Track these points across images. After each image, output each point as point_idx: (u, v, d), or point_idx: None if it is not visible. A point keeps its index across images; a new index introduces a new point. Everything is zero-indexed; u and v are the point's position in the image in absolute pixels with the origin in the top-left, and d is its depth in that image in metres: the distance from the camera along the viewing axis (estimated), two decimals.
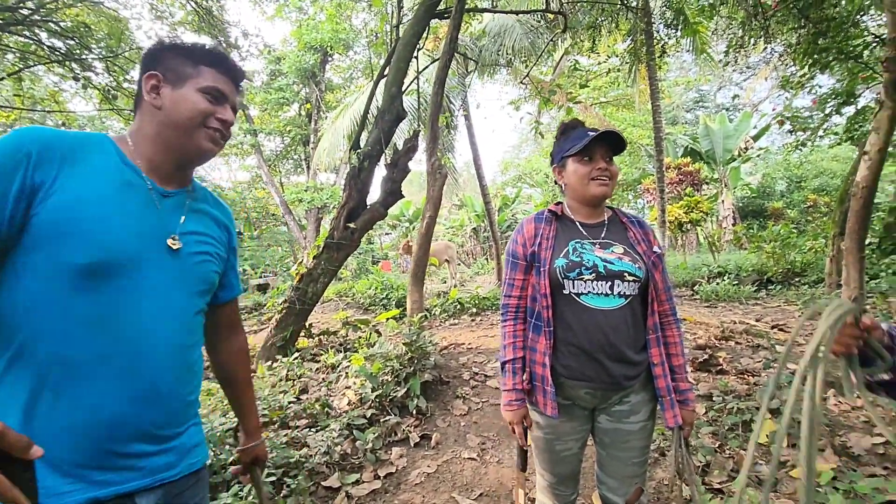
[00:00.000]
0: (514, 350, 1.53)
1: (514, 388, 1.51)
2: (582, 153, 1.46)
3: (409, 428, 3.17)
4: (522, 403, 1.51)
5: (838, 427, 2.70)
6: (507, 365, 1.53)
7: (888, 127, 4.00)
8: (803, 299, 6.40)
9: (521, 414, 1.51)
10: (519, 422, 1.52)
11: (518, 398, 1.50)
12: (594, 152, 1.45)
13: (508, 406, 1.52)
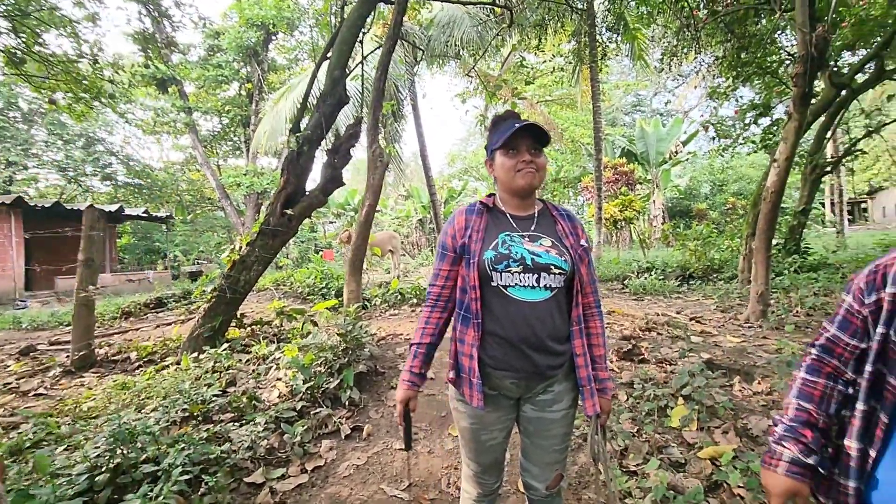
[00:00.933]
0: (423, 335, 1.55)
1: (411, 370, 1.53)
2: (508, 146, 1.47)
3: (340, 420, 3.11)
4: (412, 386, 1.54)
5: (741, 411, 2.94)
6: (413, 347, 1.55)
7: (794, 137, 4.39)
8: (719, 294, 6.93)
9: (407, 395, 1.54)
10: (403, 401, 1.54)
11: (410, 380, 1.53)
12: (519, 144, 1.46)
13: (401, 384, 1.55)
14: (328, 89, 4.87)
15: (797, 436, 0.97)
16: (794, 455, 0.97)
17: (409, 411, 1.57)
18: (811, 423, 0.97)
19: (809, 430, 0.97)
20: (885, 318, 0.84)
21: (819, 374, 0.99)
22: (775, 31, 7.75)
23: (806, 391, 0.99)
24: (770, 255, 5.03)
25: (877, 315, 0.86)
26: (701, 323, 5.10)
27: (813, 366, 1.00)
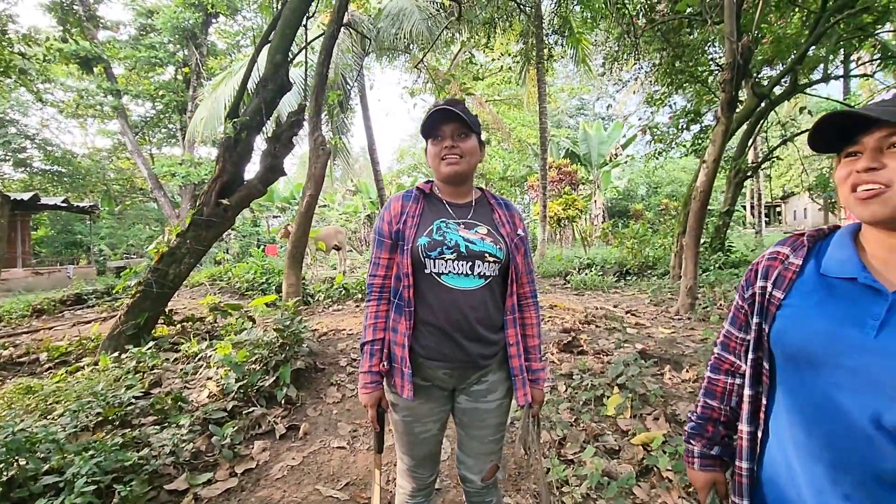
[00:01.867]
0: (375, 331, 1.48)
1: (371, 370, 1.46)
2: (432, 133, 1.44)
3: (275, 419, 2.97)
4: (377, 386, 1.48)
5: (670, 398, 3.09)
6: (367, 346, 1.48)
7: (722, 140, 4.69)
8: (652, 288, 7.31)
9: (375, 397, 1.48)
10: (374, 404, 1.48)
11: (374, 380, 1.47)
12: (443, 131, 1.43)
13: (364, 388, 1.48)
14: (269, 74, 4.63)
15: (701, 432, 1.06)
16: (700, 450, 1.05)
17: (382, 413, 1.52)
18: (714, 418, 1.05)
19: (711, 425, 1.05)
20: (758, 310, 0.90)
21: (719, 372, 1.06)
22: (706, 42, 8.26)
23: (710, 388, 1.06)
24: (698, 252, 5.35)
25: (753, 307, 0.92)
26: (636, 316, 5.34)
27: (714, 364, 1.07)
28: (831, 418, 0.76)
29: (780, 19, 7.85)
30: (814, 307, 0.81)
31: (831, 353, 0.75)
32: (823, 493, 0.77)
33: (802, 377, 0.80)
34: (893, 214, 0.71)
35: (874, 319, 0.73)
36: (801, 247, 0.90)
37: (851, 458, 0.73)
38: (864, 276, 0.76)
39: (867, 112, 0.71)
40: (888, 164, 0.71)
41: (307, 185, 4.24)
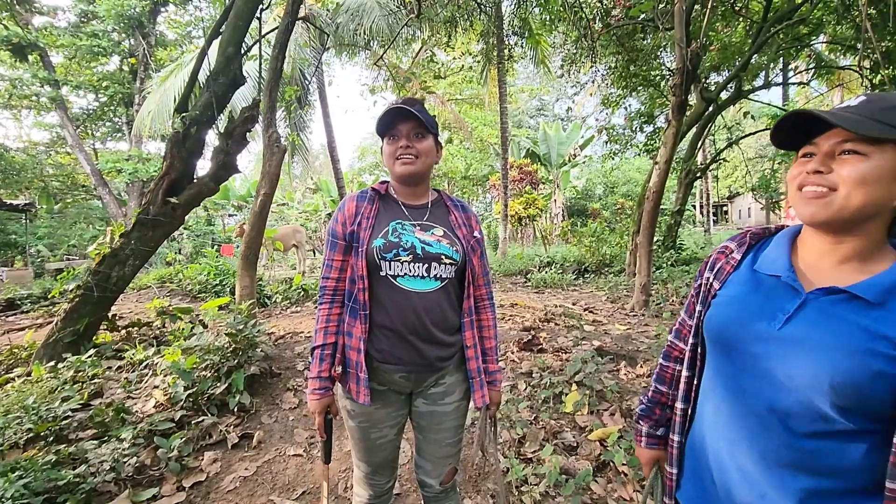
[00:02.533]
0: (326, 335, 1.44)
1: (320, 375, 1.42)
2: (388, 132, 1.41)
3: (227, 428, 2.84)
4: (327, 392, 1.43)
5: (626, 393, 3.18)
6: (317, 351, 1.44)
7: (673, 142, 4.87)
8: (609, 286, 7.52)
9: (324, 404, 1.43)
10: (322, 412, 1.44)
11: (323, 386, 1.42)
12: (399, 130, 1.40)
13: (312, 395, 1.42)
14: (220, 67, 4.43)
15: (650, 414, 1.14)
16: (647, 430, 1.14)
17: (330, 421, 1.47)
18: (662, 402, 1.12)
19: (659, 408, 1.12)
20: (701, 299, 0.97)
21: (669, 359, 1.12)
22: (658, 48, 8.57)
23: (661, 374, 1.13)
24: (652, 250, 5.54)
25: (698, 296, 1.00)
26: (593, 313, 5.47)
27: (666, 351, 1.13)
28: (735, 397, 0.83)
29: (725, 28, 8.24)
30: (738, 298, 0.87)
31: (741, 340, 0.82)
32: (722, 464, 0.85)
33: (720, 359, 0.88)
34: (831, 217, 0.74)
35: (783, 314, 0.78)
36: (744, 243, 0.95)
37: (746, 435, 0.80)
38: (788, 275, 0.81)
39: (828, 115, 0.73)
40: (836, 170, 0.73)
41: (261, 184, 4.08)
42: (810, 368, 0.72)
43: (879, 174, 0.71)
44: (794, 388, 0.74)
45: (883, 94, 0.76)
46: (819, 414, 0.72)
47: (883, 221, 0.76)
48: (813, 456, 0.73)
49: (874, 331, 0.70)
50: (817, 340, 0.73)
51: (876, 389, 0.68)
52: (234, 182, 21.02)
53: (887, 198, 0.72)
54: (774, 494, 0.77)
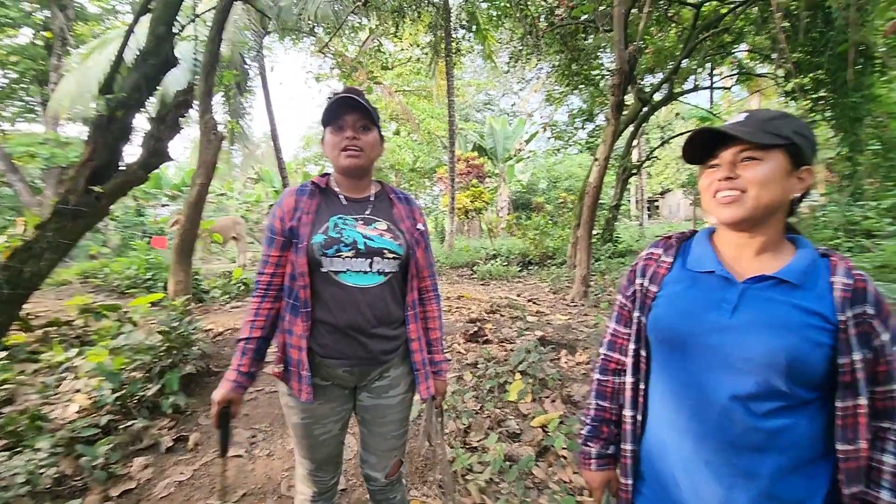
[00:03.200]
0: (252, 329, 1.40)
1: (238, 369, 1.37)
2: (333, 122, 1.37)
3: (160, 432, 2.69)
4: (237, 387, 1.37)
5: (566, 380, 3.32)
6: (241, 343, 1.39)
7: (611, 140, 5.10)
8: (552, 277, 7.79)
9: (227, 397, 1.36)
10: (221, 402, 1.36)
11: (235, 379, 1.37)
12: (345, 121, 1.37)
13: (224, 383, 1.37)
14: (151, 47, 4.11)
15: (597, 434, 1.10)
16: (598, 451, 1.10)
17: (228, 414, 1.40)
18: (607, 419, 1.10)
19: (606, 425, 1.10)
20: (639, 305, 1.01)
21: (607, 373, 1.11)
22: (598, 48, 8.90)
23: (600, 390, 1.11)
24: (591, 243, 5.79)
25: (634, 303, 1.02)
26: (537, 304, 5.65)
27: (602, 366, 1.12)
28: (695, 392, 0.87)
29: (659, 32, 8.69)
30: (681, 296, 0.93)
31: (695, 333, 0.87)
32: (688, 462, 0.88)
33: (672, 358, 0.92)
34: (747, 215, 0.84)
35: (728, 304, 0.85)
36: (671, 247, 1.02)
37: (711, 428, 0.85)
38: (720, 269, 0.90)
39: (729, 130, 0.84)
40: (742, 174, 0.84)
41: (197, 172, 3.85)
42: (767, 348, 0.79)
43: (775, 174, 0.83)
44: (753, 371, 0.81)
45: (760, 109, 0.89)
46: (776, 391, 0.80)
47: (782, 215, 0.89)
48: (775, 434, 0.81)
49: (805, 308, 0.81)
50: (766, 323, 0.81)
51: (817, 358, 0.78)
52: (167, 170, 19.70)
53: (785, 193, 0.85)
54: (744, 481, 0.82)
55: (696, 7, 7.15)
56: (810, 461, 0.82)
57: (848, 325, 0.78)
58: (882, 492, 0.78)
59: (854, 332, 0.78)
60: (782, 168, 0.84)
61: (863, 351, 0.78)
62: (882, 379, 0.79)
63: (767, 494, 0.81)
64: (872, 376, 0.79)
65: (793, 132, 0.83)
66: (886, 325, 0.79)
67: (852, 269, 0.83)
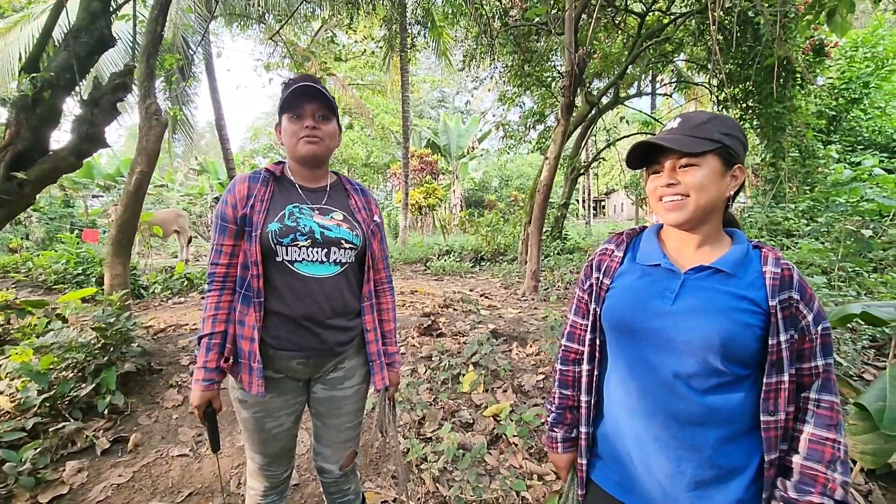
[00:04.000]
0: (215, 323, 1.36)
1: (206, 366, 1.34)
2: (292, 109, 1.36)
3: (96, 433, 2.55)
4: (211, 385, 1.36)
5: (517, 371, 3.42)
6: (204, 340, 1.35)
7: (561, 140, 5.28)
8: (503, 273, 7.98)
9: (207, 397, 1.35)
10: (203, 404, 1.36)
11: (208, 378, 1.34)
12: (304, 109, 1.36)
13: (195, 385, 1.34)
14: (83, 24, 3.84)
15: (562, 420, 1.18)
16: (563, 435, 1.18)
17: (213, 413, 1.38)
18: (570, 406, 1.18)
19: (569, 412, 1.18)
20: (595, 297, 1.09)
21: (568, 363, 1.18)
22: (550, 51, 9.15)
23: (562, 380, 1.19)
24: (541, 240, 5.98)
25: (591, 296, 1.11)
26: (489, 298, 5.77)
27: (563, 357, 1.20)
28: (643, 373, 0.96)
29: (607, 38, 9.06)
30: (630, 286, 1.02)
31: (642, 319, 0.96)
32: (640, 439, 0.96)
33: (623, 343, 1.01)
34: (689, 217, 0.94)
35: (671, 293, 0.95)
36: (623, 243, 1.11)
37: (658, 405, 0.93)
38: (665, 261, 1.00)
39: (665, 142, 0.92)
40: (682, 180, 0.93)
41: (137, 160, 3.62)
42: (703, 331, 0.88)
43: (711, 178, 0.92)
44: (692, 352, 0.89)
45: (691, 114, 0.98)
46: (713, 369, 0.89)
47: (720, 211, 0.99)
48: (714, 408, 0.90)
49: (736, 294, 0.91)
50: (702, 308, 0.91)
51: (747, 338, 0.88)
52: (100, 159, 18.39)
53: (721, 193, 0.94)
54: (688, 453, 0.91)
55: (641, 16, 7.53)
56: (746, 431, 0.92)
57: (777, 309, 0.88)
58: (795, 456, 0.88)
59: (781, 315, 0.88)
60: (717, 170, 0.92)
61: (789, 332, 0.88)
62: (807, 356, 0.89)
63: (710, 464, 0.90)
64: (799, 354, 0.89)
65: (722, 134, 0.92)
66: (810, 307, 0.90)
67: (780, 260, 0.93)
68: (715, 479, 0.91)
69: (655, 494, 0.95)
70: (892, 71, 9.61)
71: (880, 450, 1.94)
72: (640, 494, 0.98)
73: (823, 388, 0.89)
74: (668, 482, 0.93)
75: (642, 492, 0.97)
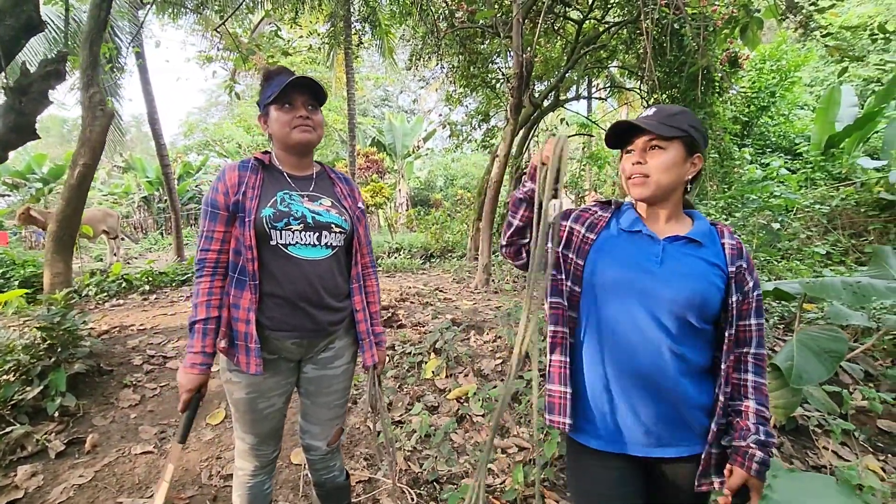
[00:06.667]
0: (209, 309, 1.39)
1: (204, 350, 1.37)
2: (282, 100, 1.43)
3: (47, 436, 2.43)
4: (206, 370, 1.39)
5: (476, 357, 3.60)
6: (198, 325, 1.38)
7: (510, 138, 5.54)
8: (454, 268, 8.17)
9: (199, 381, 1.39)
10: (194, 389, 1.39)
11: (203, 362, 1.38)
12: (295, 99, 1.43)
13: (190, 369, 1.37)
14: (7, 6, 3.56)
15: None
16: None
17: (197, 400, 1.41)
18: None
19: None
20: (575, 248, 1.21)
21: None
22: (495, 53, 9.46)
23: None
24: (492, 234, 6.21)
25: (569, 246, 1.22)
26: (443, 292, 5.93)
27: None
28: (630, 330, 1.10)
29: (547, 44, 9.50)
30: (619, 251, 1.16)
31: (634, 278, 1.11)
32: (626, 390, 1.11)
33: (612, 304, 1.13)
34: (650, 195, 1.11)
35: (656, 257, 1.11)
36: (608, 207, 1.26)
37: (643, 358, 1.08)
38: (646, 229, 1.15)
39: (641, 123, 1.09)
40: (648, 161, 1.10)
41: (80, 152, 3.40)
42: (687, 292, 1.06)
43: (674, 161, 1.10)
44: (675, 309, 1.06)
45: (665, 105, 1.16)
46: (688, 324, 1.07)
47: (680, 193, 1.16)
48: (684, 355, 1.08)
49: (709, 261, 1.10)
50: (685, 272, 1.08)
51: (716, 299, 1.06)
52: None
53: (681, 176, 1.12)
54: (668, 396, 1.08)
55: (579, 24, 7.98)
56: (703, 372, 1.12)
57: (734, 274, 1.08)
58: (747, 401, 1.09)
59: (735, 280, 1.08)
60: (680, 156, 1.09)
61: (738, 294, 1.08)
62: (744, 315, 1.10)
63: (683, 402, 1.09)
64: (740, 313, 1.09)
65: (689, 126, 1.09)
66: (752, 275, 1.11)
67: (733, 234, 1.14)
68: (686, 414, 1.09)
69: (639, 435, 1.10)
70: (794, 83, 10.82)
71: (789, 403, 2.29)
72: (627, 439, 1.11)
73: (759, 345, 1.11)
74: (652, 422, 1.09)
75: (629, 437, 1.11)
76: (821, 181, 8.05)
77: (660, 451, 1.10)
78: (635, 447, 1.11)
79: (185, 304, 4.94)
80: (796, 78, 10.82)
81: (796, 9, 3.48)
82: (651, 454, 1.11)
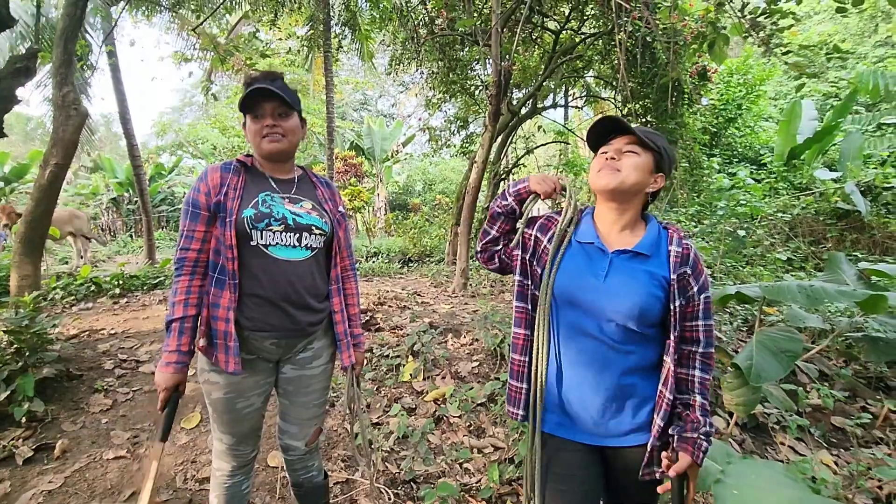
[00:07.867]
0: (186, 308, 1.40)
1: (179, 349, 1.38)
2: (252, 109, 1.45)
3: (14, 442, 2.37)
4: (182, 368, 1.40)
5: (453, 359, 3.65)
6: (175, 324, 1.39)
7: (489, 144, 5.63)
8: (432, 272, 8.21)
9: (176, 379, 1.40)
10: (171, 387, 1.40)
11: (180, 360, 1.39)
12: (263, 108, 1.44)
13: (166, 368, 1.37)
14: None
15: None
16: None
17: (178, 398, 1.42)
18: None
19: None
20: (531, 252, 1.31)
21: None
22: (473, 60, 9.59)
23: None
24: (470, 239, 6.29)
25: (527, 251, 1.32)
26: (421, 296, 5.96)
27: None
28: (580, 335, 1.20)
29: (525, 52, 9.68)
30: (570, 263, 1.24)
31: (580, 293, 1.19)
32: (580, 385, 1.21)
33: (565, 310, 1.23)
34: (616, 186, 1.17)
35: (602, 271, 1.19)
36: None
37: (592, 358, 1.19)
38: (597, 241, 1.23)
39: (625, 124, 1.18)
40: (622, 161, 1.18)
41: (52, 152, 3.30)
42: (627, 305, 1.14)
43: (645, 166, 1.19)
44: (617, 319, 1.15)
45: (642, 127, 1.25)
46: (631, 331, 1.16)
47: (640, 201, 1.24)
48: (630, 358, 1.17)
49: (651, 272, 1.17)
50: (626, 286, 1.16)
51: (656, 308, 1.15)
52: None
53: (645, 183, 1.20)
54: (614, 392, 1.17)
55: (556, 34, 8.17)
56: (649, 370, 1.21)
57: (675, 282, 1.16)
58: (694, 395, 1.18)
59: (677, 286, 1.16)
60: (650, 165, 1.19)
61: (681, 299, 1.16)
62: (689, 317, 1.19)
63: (628, 397, 1.19)
64: (684, 315, 1.18)
65: (662, 147, 1.20)
66: (697, 280, 1.18)
67: (682, 240, 1.21)
68: (631, 408, 1.19)
69: (589, 425, 1.21)
70: (759, 96, 11.29)
71: (749, 400, 2.41)
72: (579, 428, 1.23)
73: (707, 344, 1.19)
74: (598, 414, 1.19)
75: (580, 426, 1.22)
76: (783, 191, 8.41)
77: (608, 440, 1.21)
78: (585, 436, 1.22)
79: (159, 307, 4.84)
80: (761, 91, 11.29)
81: (759, 27, 3.68)
82: (600, 443, 1.21)
